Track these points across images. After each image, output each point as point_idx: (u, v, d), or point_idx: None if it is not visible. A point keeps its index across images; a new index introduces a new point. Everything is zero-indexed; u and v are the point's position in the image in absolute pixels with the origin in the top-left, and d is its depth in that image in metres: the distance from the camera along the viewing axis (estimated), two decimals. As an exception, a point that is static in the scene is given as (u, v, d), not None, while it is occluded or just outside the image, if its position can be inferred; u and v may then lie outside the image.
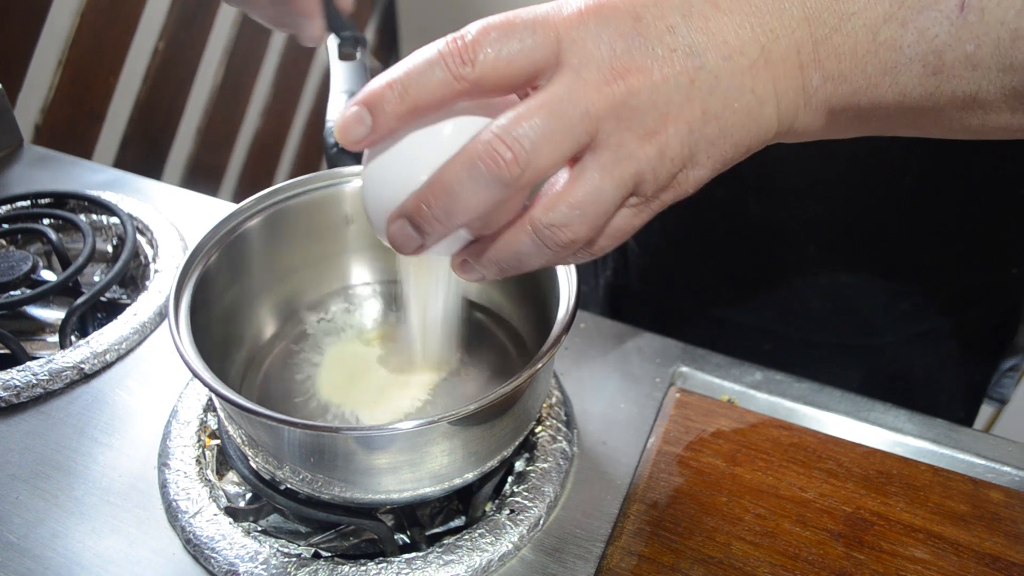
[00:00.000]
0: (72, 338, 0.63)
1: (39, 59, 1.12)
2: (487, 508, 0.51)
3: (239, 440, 0.48)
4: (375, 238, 0.53)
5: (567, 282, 0.49)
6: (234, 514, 0.50)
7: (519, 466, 0.53)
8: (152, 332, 0.64)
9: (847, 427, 0.58)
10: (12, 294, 0.65)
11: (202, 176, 1.50)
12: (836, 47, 0.35)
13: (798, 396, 0.60)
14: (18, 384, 0.58)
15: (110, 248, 0.74)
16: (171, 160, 1.43)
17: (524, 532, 0.49)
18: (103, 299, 0.67)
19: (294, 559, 0.47)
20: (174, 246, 0.72)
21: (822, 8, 0.34)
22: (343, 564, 0.47)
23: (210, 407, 0.57)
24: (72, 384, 0.60)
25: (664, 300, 0.78)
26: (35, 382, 0.58)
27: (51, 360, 0.59)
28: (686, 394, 0.59)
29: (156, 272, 0.69)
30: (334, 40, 0.63)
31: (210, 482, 0.52)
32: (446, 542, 0.48)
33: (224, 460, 0.54)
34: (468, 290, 0.62)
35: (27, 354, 0.61)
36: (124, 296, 0.71)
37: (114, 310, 0.67)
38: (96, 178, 0.83)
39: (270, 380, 0.56)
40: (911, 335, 0.70)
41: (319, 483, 0.45)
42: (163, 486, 0.52)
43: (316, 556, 0.49)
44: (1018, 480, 0.55)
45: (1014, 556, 0.48)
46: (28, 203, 0.76)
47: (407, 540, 0.51)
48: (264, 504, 0.51)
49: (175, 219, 0.76)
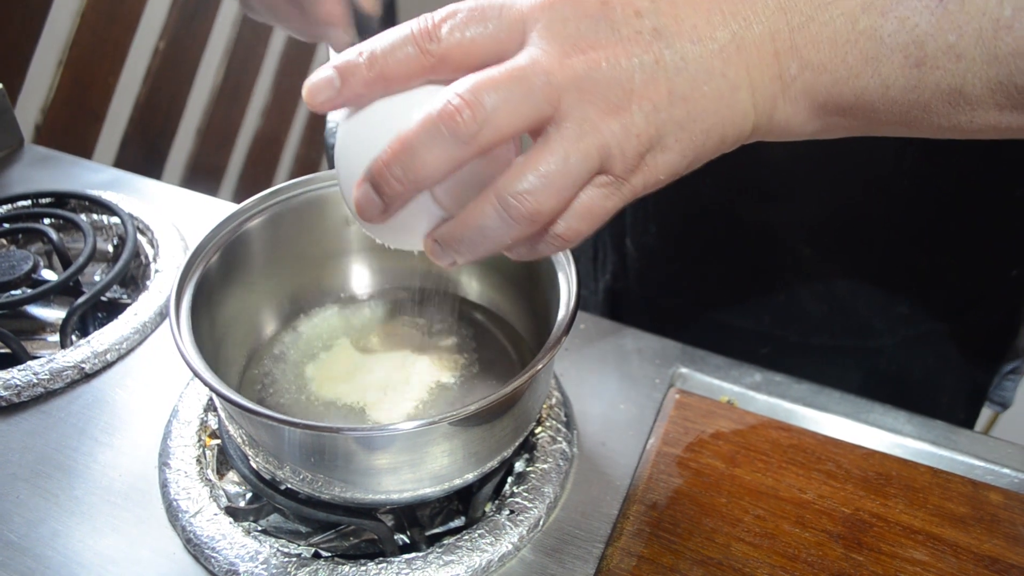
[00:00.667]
0: (73, 338, 0.64)
1: (39, 59, 1.12)
2: (487, 509, 0.51)
3: (240, 440, 0.48)
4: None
5: (567, 283, 0.49)
6: (234, 514, 0.50)
7: (519, 467, 0.53)
8: (153, 332, 0.64)
9: (846, 429, 0.58)
10: (13, 293, 0.65)
11: (202, 176, 1.50)
12: (814, 35, 0.35)
13: (797, 398, 0.60)
14: (19, 383, 0.58)
15: (111, 248, 0.75)
16: (171, 160, 1.43)
17: (524, 533, 0.49)
18: (104, 299, 0.67)
19: (294, 559, 0.47)
20: (174, 246, 0.72)
21: None
22: (343, 564, 0.47)
23: (211, 407, 0.57)
24: (73, 384, 0.60)
25: (662, 304, 0.78)
26: (36, 381, 0.58)
27: (52, 359, 0.59)
28: (685, 395, 0.59)
29: (156, 272, 0.69)
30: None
31: (210, 482, 0.52)
32: (446, 542, 0.48)
33: (224, 460, 0.54)
34: (469, 292, 0.62)
35: (28, 353, 0.62)
36: (125, 296, 0.71)
37: (115, 310, 0.67)
38: (96, 178, 0.83)
39: (271, 380, 0.56)
40: (909, 337, 0.70)
41: (319, 483, 0.45)
42: (164, 486, 0.52)
43: (316, 556, 0.49)
44: (1017, 482, 0.55)
45: (1013, 558, 0.48)
46: (29, 203, 0.76)
47: (407, 540, 0.51)
48: (264, 504, 0.51)
49: (175, 219, 0.76)
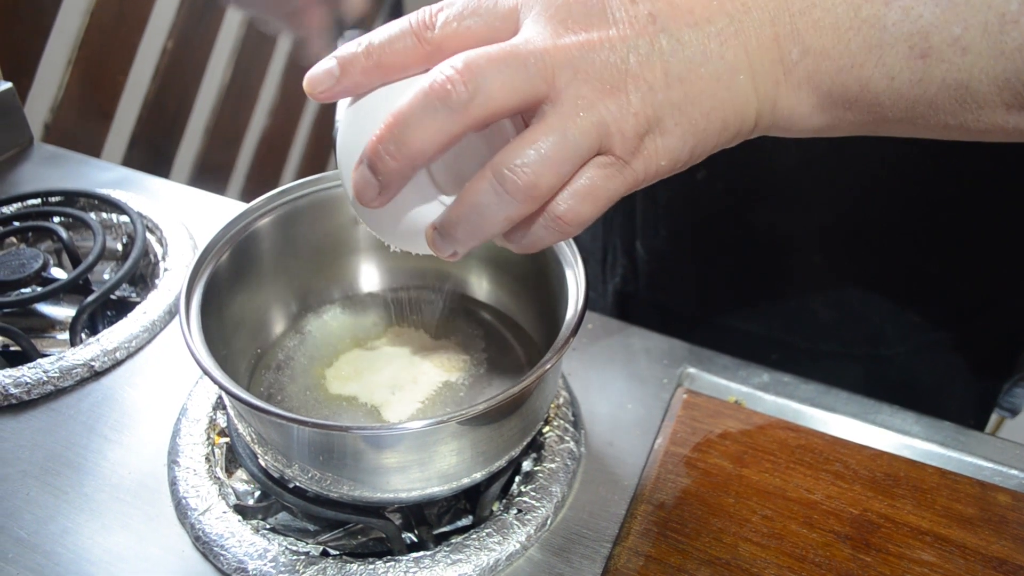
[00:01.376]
0: (82, 336, 0.64)
1: (49, 58, 1.13)
2: (494, 508, 0.51)
3: (248, 438, 0.48)
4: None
5: (575, 283, 0.49)
6: (243, 512, 0.51)
7: (527, 466, 0.53)
8: (162, 330, 0.65)
9: (854, 429, 0.58)
10: (23, 291, 0.66)
11: (210, 175, 1.51)
12: (816, 21, 0.35)
13: (805, 398, 0.60)
14: (29, 381, 0.58)
15: (120, 246, 0.75)
16: (179, 159, 1.43)
17: (531, 532, 0.49)
18: (113, 297, 0.68)
19: (302, 557, 0.47)
20: (183, 245, 0.72)
21: None
22: (351, 562, 0.47)
23: (219, 405, 0.57)
24: (82, 381, 0.60)
25: (671, 307, 0.77)
26: (46, 379, 0.58)
27: (62, 357, 0.60)
28: (693, 395, 0.59)
29: (165, 271, 0.69)
30: (342, 41, 0.63)
31: (219, 480, 0.52)
32: (454, 541, 0.48)
33: (233, 458, 0.54)
34: (477, 292, 0.62)
35: (38, 351, 0.62)
36: (134, 294, 0.71)
37: (124, 308, 0.67)
38: (105, 176, 0.84)
39: (279, 378, 0.56)
40: (920, 345, 0.70)
41: (328, 481, 0.45)
42: (172, 483, 0.52)
43: (324, 554, 0.49)
44: (1025, 483, 0.55)
45: (1021, 559, 0.48)
46: (39, 201, 0.77)
47: (415, 539, 0.51)
48: (273, 502, 0.51)
49: (184, 218, 0.76)
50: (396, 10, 0.57)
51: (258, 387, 0.55)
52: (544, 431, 0.55)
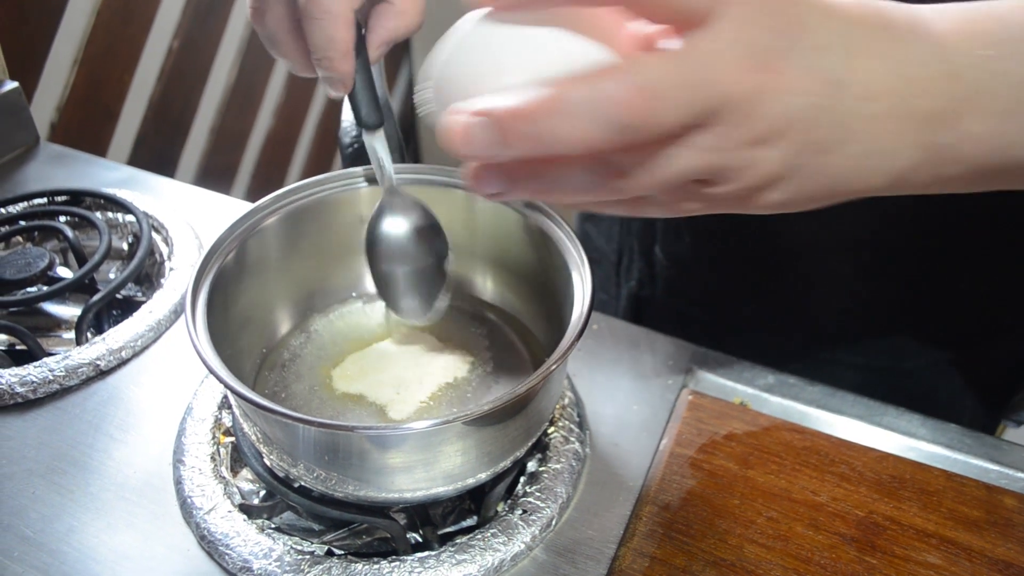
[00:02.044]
0: (88, 335, 0.64)
1: (55, 58, 1.13)
2: (499, 508, 0.51)
3: (254, 437, 0.48)
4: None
5: (581, 283, 0.49)
6: (248, 511, 0.51)
7: (532, 467, 0.53)
8: (167, 329, 0.65)
9: (860, 431, 0.58)
10: (29, 290, 0.66)
11: (215, 175, 1.51)
12: (981, 107, 0.33)
13: (811, 400, 0.60)
14: (35, 380, 0.58)
15: (125, 246, 0.75)
16: (184, 159, 1.44)
17: (536, 532, 0.49)
18: (119, 296, 0.68)
19: (307, 556, 0.47)
20: (189, 244, 0.72)
21: (970, 65, 0.33)
22: (356, 562, 0.47)
23: (225, 404, 0.57)
24: (88, 380, 0.60)
25: (690, 314, 0.76)
26: (51, 378, 0.58)
27: (67, 356, 0.60)
28: (698, 396, 0.59)
29: (171, 270, 0.69)
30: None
31: (224, 479, 0.52)
32: (458, 541, 0.48)
33: (238, 457, 0.54)
34: (483, 292, 0.62)
35: (43, 350, 0.62)
36: (139, 293, 0.71)
37: (130, 307, 0.67)
38: (111, 176, 0.84)
39: (285, 378, 0.56)
40: (940, 360, 0.69)
41: (333, 481, 0.45)
42: (178, 482, 0.52)
43: (329, 554, 0.49)
44: (1032, 486, 0.55)
45: (1028, 562, 0.48)
46: (45, 200, 0.77)
47: (419, 539, 0.51)
48: (278, 501, 0.51)
49: (189, 217, 0.76)
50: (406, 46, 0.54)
51: (263, 386, 0.56)
52: (549, 432, 0.55)
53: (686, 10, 0.31)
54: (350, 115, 0.58)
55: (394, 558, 0.47)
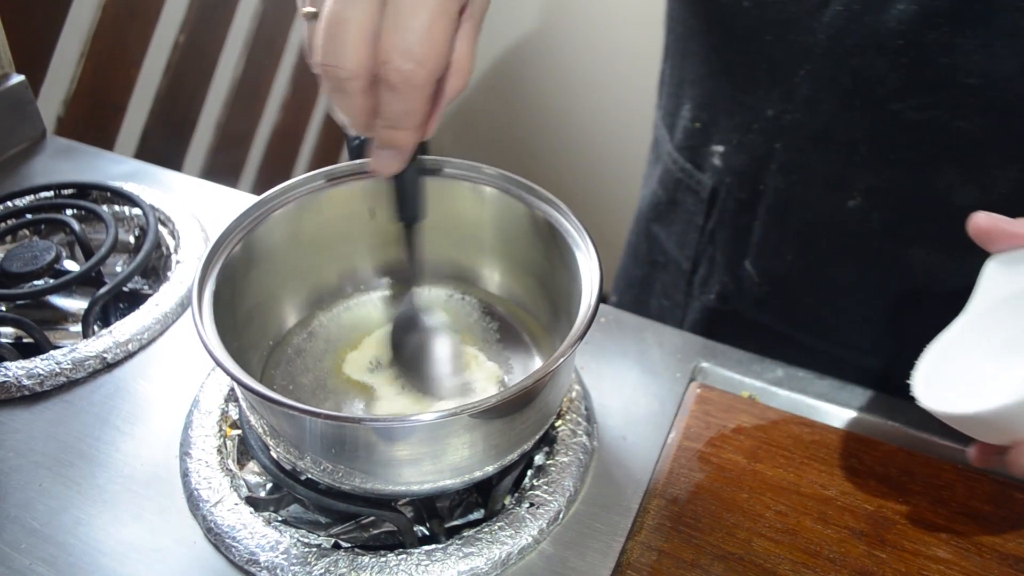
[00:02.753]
0: (95, 328, 0.64)
1: (61, 51, 1.13)
2: (506, 501, 0.51)
3: (260, 430, 0.48)
4: (397, 232, 0.53)
5: (589, 276, 0.49)
6: (255, 504, 0.51)
7: (539, 460, 0.53)
8: (174, 322, 0.65)
9: (869, 425, 0.58)
10: (36, 283, 0.66)
11: (221, 169, 1.51)
12: None
13: (820, 393, 0.60)
14: (42, 373, 0.58)
15: (132, 239, 0.75)
16: (191, 152, 1.44)
17: (544, 526, 0.49)
18: (125, 289, 0.68)
19: (314, 549, 0.47)
20: (195, 237, 0.72)
21: None
22: (363, 555, 0.47)
23: (232, 397, 0.57)
24: (95, 373, 0.60)
25: (773, 331, 0.72)
26: (58, 371, 0.58)
27: (74, 349, 0.60)
28: (707, 390, 0.58)
29: (177, 263, 0.69)
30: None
31: (231, 471, 0.52)
32: (466, 534, 0.48)
33: (245, 450, 0.54)
34: (490, 285, 0.61)
35: (50, 343, 0.62)
36: (146, 286, 0.71)
37: (136, 300, 0.67)
38: (118, 169, 0.84)
39: (292, 370, 0.56)
40: None
41: (340, 474, 0.45)
42: (184, 475, 0.52)
43: (336, 546, 0.49)
44: (1043, 480, 0.54)
45: (1039, 557, 0.48)
46: (52, 193, 0.77)
47: (426, 532, 0.51)
48: (285, 494, 0.51)
49: (196, 210, 0.76)
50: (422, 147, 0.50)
51: (270, 379, 0.55)
52: (557, 425, 0.55)
53: None
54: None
55: (401, 551, 0.47)
